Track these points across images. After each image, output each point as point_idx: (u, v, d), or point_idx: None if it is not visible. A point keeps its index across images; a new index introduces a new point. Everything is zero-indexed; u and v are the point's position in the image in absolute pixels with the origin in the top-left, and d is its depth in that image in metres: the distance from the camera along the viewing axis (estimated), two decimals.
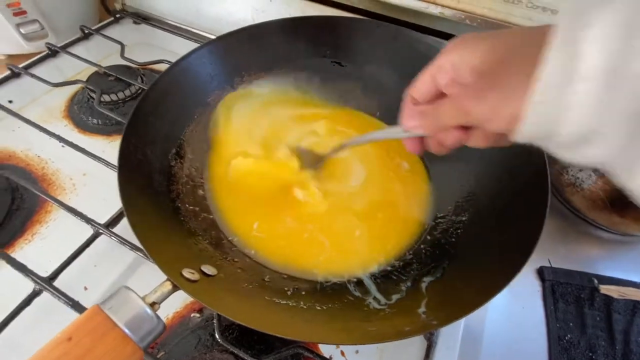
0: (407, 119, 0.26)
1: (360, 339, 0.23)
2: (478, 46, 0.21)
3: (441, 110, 0.23)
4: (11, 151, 0.47)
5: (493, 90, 0.19)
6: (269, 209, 0.38)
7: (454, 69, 0.22)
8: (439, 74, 0.23)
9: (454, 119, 0.22)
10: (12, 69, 0.53)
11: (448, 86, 0.23)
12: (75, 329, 0.19)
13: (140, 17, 0.66)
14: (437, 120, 0.24)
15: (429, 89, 0.24)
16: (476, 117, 0.20)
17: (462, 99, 0.21)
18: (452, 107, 0.22)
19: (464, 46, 0.21)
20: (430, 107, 0.24)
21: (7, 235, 0.39)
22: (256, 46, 0.44)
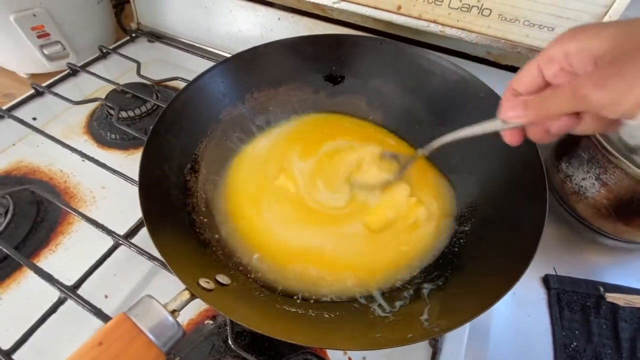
0: (509, 109, 0.26)
1: (366, 345, 0.24)
2: (600, 34, 0.21)
3: (552, 98, 0.23)
4: (35, 166, 0.49)
5: (618, 77, 0.20)
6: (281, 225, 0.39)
7: (567, 58, 0.22)
8: (547, 64, 0.23)
9: (568, 107, 0.22)
10: (36, 88, 0.56)
11: (557, 76, 0.23)
12: (106, 334, 0.21)
13: (155, 36, 0.69)
14: (544, 109, 0.24)
15: (534, 80, 0.25)
16: (596, 104, 0.21)
17: (581, 86, 0.21)
18: (568, 94, 0.22)
19: (583, 35, 0.22)
20: (536, 97, 0.24)
21: (33, 245, 0.41)
22: (265, 64, 0.47)
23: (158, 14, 0.68)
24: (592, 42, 0.21)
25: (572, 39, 0.22)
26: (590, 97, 0.21)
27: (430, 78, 0.44)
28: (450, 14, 0.41)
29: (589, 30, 0.22)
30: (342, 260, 0.36)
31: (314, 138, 0.47)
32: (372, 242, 0.38)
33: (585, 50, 0.21)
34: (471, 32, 0.41)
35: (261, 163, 0.44)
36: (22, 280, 0.39)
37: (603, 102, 0.20)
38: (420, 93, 0.45)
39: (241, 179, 0.43)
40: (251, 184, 0.42)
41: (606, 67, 0.21)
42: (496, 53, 0.44)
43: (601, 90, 0.20)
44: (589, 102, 0.21)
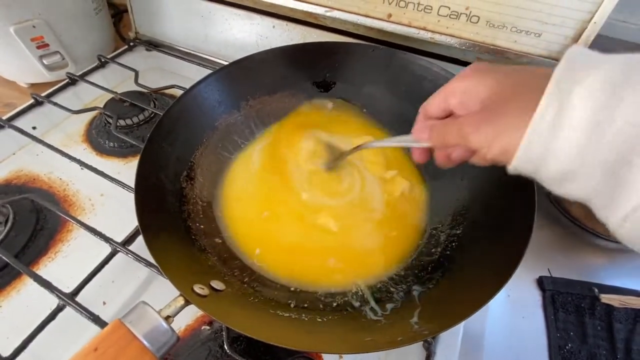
0: (418, 131, 0.29)
1: (356, 348, 0.24)
2: (487, 79, 0.23)
3: (447, 129, 0.25)
4: (35, 174, 0.50)
5: (491, 123, 0.22)
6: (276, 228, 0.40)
7: (464, 96, 0.24)
8: (450, 96, 0.26)
9: (456, 140, 0.25)
10: (36, 97, 0.57)
11: (457, 108, 0.25)
12: (101, 340, 0.21)
13: (152, 45, 0.70)
14: (442, 137, 0.26)
15: (440, 106, 0.27)
16: (473, 144, 0.23)
17: (464, 125, 0.23)
18: (456, 130, 0.24)
19: (476, 76, 0.24)
20: (439, 124, 0.27)
21: (33, 253, 0.42)
22: (260, 72, 0.47)
23: (156, 23, 0.69)
24: (479, 85, 0.23)
25: (468, 78, 0.24)
26: (469, 137, 0.23)
27: (422, 83, 0.45)
28: (440, 21, 0.42)
29: (479, 74, 0.24)
30: (338, 253, 0.38)
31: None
32: (367, 233, 0.40)
33: (474, 91, 0.24)
34: (460, 39, 0.42)
35: (257, 169, 0.45)
36: (21, 288, 0.40)
37: (478, 144, 0.23)
38: (413, 98, 0.45)
39: (237, 186, 0.43)
40: (247, 190, 0.43)
41: (484, 111, 0.23)
42: (486, 59, 0.45)
43: (476, 133, 0.22)
44: (468, 141, 0.23)
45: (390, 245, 0.39)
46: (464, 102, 0.25)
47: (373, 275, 0.36)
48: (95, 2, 0.64)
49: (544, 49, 0.39)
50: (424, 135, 0.28)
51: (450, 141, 0.25)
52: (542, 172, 0.21)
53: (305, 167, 0.44)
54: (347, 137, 0.47)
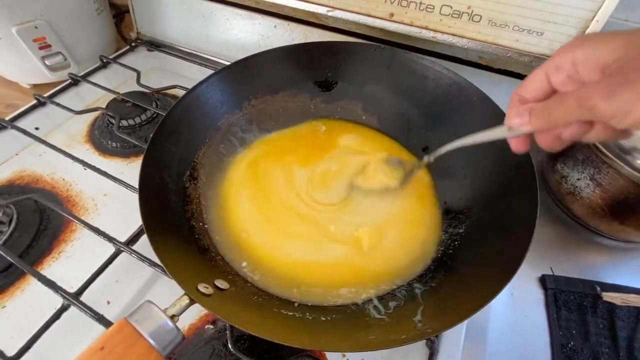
0: (515, 116, 0.26)
1: (360, 346, 0.25)
2: (608, 43, 0.21)
3: (559, 106, 0.23)
4: (38, 175, 0.50)
5: (627, 87, 0.19)
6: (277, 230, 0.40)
7: (574, 67, 0.22)
8: (555, 72, 0.23)
9: (575, 116, 0.22)
10: (38, 98, 0.57)
11: (564, 84, 0.23)
12: (107, 339, 0.22)
13: (154, 45, 0.70)
14: (550, 118, 0.23)
15: (541, 87, 0.25)
16: (603, 113, 0.20)
17: (588, 95, 0.21)
18: (575, 104, 0.22)
19: (592, 43, 0.22)
20: (543, 104, 0.24)
21: (36, 254, 0.42)
22: (262, 72, 0.48)
23: (157, 24, 0.69)
24: (599, 50, 0.21)
25: (580, 47, 0.22)
26: (598, 107, 0.20)
27: (424, 83, 0.45)
28: (442, 20, 0.42)
29: (597, 39, 0.22)
30: (338, 269, 0.37)
31: (313, 143, 0.48)
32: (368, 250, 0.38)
33: (592, 58, 0.21)
34: (463, 38, 0.42)
35: (259, 169, 0.45)
36: (26, 287, 0.40)
37: (611, 113, 0.20)
38: (415, 98, 0.46)
39: (239, 186, 0.43)
40: (249, 190, 0.43)
41: (613, 76, 0.20)
42: (488, 57, 0.45)
43: (609, 100, 0.20)
44: (597, 112, 0.21)
45: (402, 258, 0.37)
46: (573, 75, 0.22)
47: (383, 285, 0.35)
48: (97, 3, 0.64)
49: (546, 48, 0.39)
50: (522, 119, 0.25)
51: (565, 118, 0.22)
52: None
53: (372, 186, 0.41)
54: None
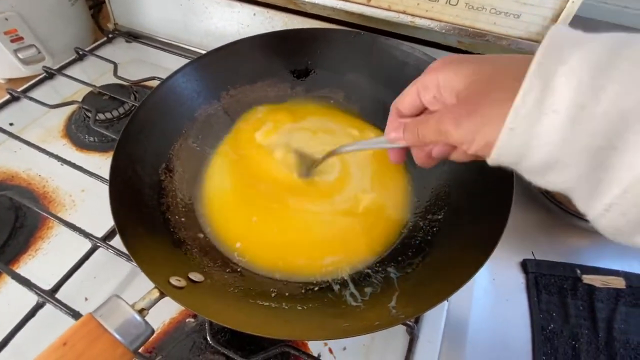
0: (391, 131, 0.28)
1: (333, 334, 0.25)
2: (461, 70, 0.22)
3: (423, 126, 0.24)
4: (14, 172, 0.49)
5: (471, 116, 0.20)
6: (258, 215, 0.40)
7: (437, 89, 0.23)
8: (423, 91, 0.24)
9: (434, 138, 0.23)
10: (12, 93, 0.56)
11: (431, 103, 0.24)
12: (70, 335, 0.21)
13: (132, 36, 0.68)
14: (419, 136, 0.25)
15: (413, 103, 0.26)
16: (455, 140, 0.22)
17: (442, 120, 0.22)
18: (433, 126, 0.23)
19: (449, 68, 0.23)
20: (413, 122, 0.25)
21: (12, 252, 0.41)
22: (240, 61, 0.47)
23: (134, 14, 0.67)
24: (454, 77, 0.22)
25: (441, 71, 0.23)
26: (449, 133, 0.22)
27: (404, 69, 0.44)
28: (419, 4, 0.41)
29: (454, 64, 0.23)
30: (320, 243, 0.38)
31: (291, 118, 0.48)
32: (352, 220, 0.39)
33: (449, 84, 0.22)
34: (440, 22, 0.41)
35: (238, 158, 0.44)
36: (2, 286, 0.39)
37: (459, 139, 0.21)
38: (395, 84, 0.45)
39: (218, 176, 0.43)
40: (228, 180, 0.42)
41: (461, 104, 0.22)
42: (467, 42, 0.45)
43: (457, 128, 0.21)
44: (449, 137, 0.22)
45: (376, 231, 0.39)
46: (437, 96, 0.23)
47: (359, 262, 0.36)
48: None
49: (523, 31, 0.38)
50: (396, 134, 0.27)
51: (428, 139, 0.24)
52: (524, 162, 0.19)
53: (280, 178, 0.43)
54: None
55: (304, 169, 0.42)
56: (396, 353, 0.34)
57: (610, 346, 0.36)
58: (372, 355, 0.34)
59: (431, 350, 0.33)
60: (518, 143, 0.18)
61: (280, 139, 0.45)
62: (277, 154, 0.44)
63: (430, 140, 0.24)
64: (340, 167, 0.44)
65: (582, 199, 0.19)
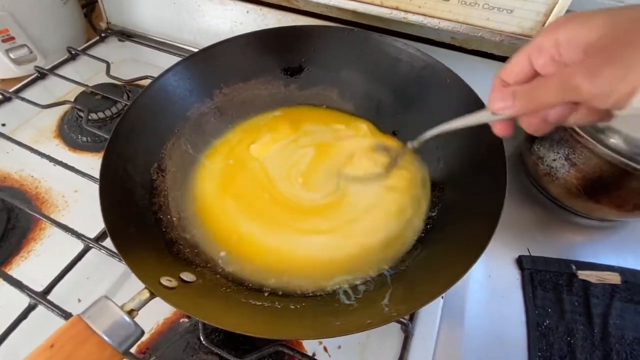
0: (498, 100, 0.25)
1: (326, 333, 0.24)
2: (590, 23, 0.21)
3: (542, 88, 0.22)
4: (6, 173, 0.49)
5: (610, 65, 0.19)
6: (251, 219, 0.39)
7: (557, 47, 0.22)
8: (537, 54, 0.23)
9: (559, 97, 0.22)
10: (3, 93, 0.55)
11: (547, 65, 0.23)
12: (58, 337, 0.21)
13: (125, 35, 0.68)
14: (534, 100, 0.23)
15: (523, 70, 0.24)
16: (588, 93, 0.20)
17: (571, 75, 0.21)
18: (558, 85, 0.21)
19: (573, 24, 0.21)
20: (525, 87, 0.24)
21: (4, 253, 0.41)
22: (233, 59, 0.46)
23: (127, 13, 0.66)
24: (581, 30, 0.21)
25: (561, 28, 0.22)
26: (581, 87, 0.20)
27: (398, 65, 0.44)
28: (412, 0, 0.41)
29: (578, 19, 0.21)
30: (313, 256, 0.36)
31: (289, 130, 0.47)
32: (346, 236, 0.38)
33: (574, 39, 0.21)
34: (433, 18, 0.41)
35: (232, 159, 0.44)
36: None
37: (594, 92, 0.20)
38: (389, 81, 0.45)
39: (211, 176, 0.42)
40: (222, 180, 0.42)
41: (596, 56, 0.20)
42: (460, 38, 0.44)
43: (591, 80, 0.20)
44: (580, 92, 0.20)
45: (373, 235, 0.37)
46: (558, 56, 0.22)
47: (356, 270, 0.35)
48: None
49: (516, 26, 0.38)
50: (505, 103, 0.24)
51: (548, 100, 0.22)
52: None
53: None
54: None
55: (391, 163, 0.40)
56: (391, 351, 0.34)
57: (606, 341, 0.36)
58: (367, 353, 0.34)
59: (426, 348, 0.33)
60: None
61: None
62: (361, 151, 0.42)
63: (552, 102, 0.22)
64: (331, 175, 0.43)
65: None
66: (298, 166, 0.43)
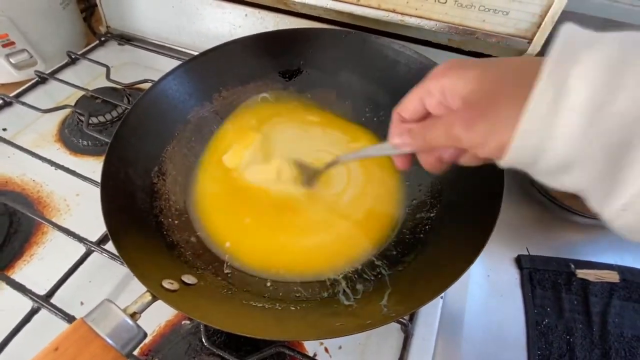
0: (395, 136, 0.27)
1: (325, 333, 0.25)
2: (467, 75, 0.22)
3: (431, 131, 0.24)
4: (7, 177, 0.49)
5: (482, 120, 0.20)
6: (251, 219, 0.40)
7: (442, 94, 0.23)
8: (427, 96, 0.24)
9: (443, 142, 0.23)
10: (4, 98, 0.56)
11: (435, 108, 0.24)
12: (62, 340, 0.21)
13: (124, 39, 0.68)
14: (426, 140, 0.24)
15: (416, 109, 0.25)
16: (466, 143, 0.21)
17: (451, 124, 0.22)
18: (442, 131, 0.23)
19: (453, 73, 0.22)
20: (419, 126, 0.25)
21: (7, 257, 0.41)
22: (232, 62, 0.47)
23: (127, 17, 0.67)
24: (459, 81, 0.22)
25: (445, 75, 0.23)
26: (460, 136, 0.21)
27: (396, 67, 0.44)
28: (408, 2, 0.41)
29: (458, 69, 0.22)
30: (311, 248, 0.37)
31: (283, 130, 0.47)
32: (341, 225, 0.39)
33: (455, 88, 0.22)
34: (430, 20, 0.41)
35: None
36: None
37: (471, 142, 0.21)
38: (387, 82, 0.45)
39: (211, 179, 0.43)
40: (220, 183, 0.42)
41: (471, 108, 0.21)
42: (457, 40, 0.45)
43: (468, 131, 0.21)
44: (460, 141, 0.22)
45: (370, 233, 0.39)
46: (442, 101, 0.23)
47: (354, 260, 0.36)
48: None
49: (512, 27, 0.38)
50: (401, 140, 0.26)
51: (437, 143, 0.24)
52: (538, 164, 0.19)
53: (280, 189, 0.42)
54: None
55: (305, 179, 0.41)
56: (391, 351, 0.34)
57: (605, 340, 0.36)
58: (367, 353, 0.35)
59: (426, 348, 0.34)
60: (533, 144, 0.18)
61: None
62: (276, 165, 0.43)
63: (440, 145, 0.24)
64: (333, 171, 0.44)
65: (597, 200, 0.19)
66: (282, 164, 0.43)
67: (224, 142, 0.46)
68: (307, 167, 0.41)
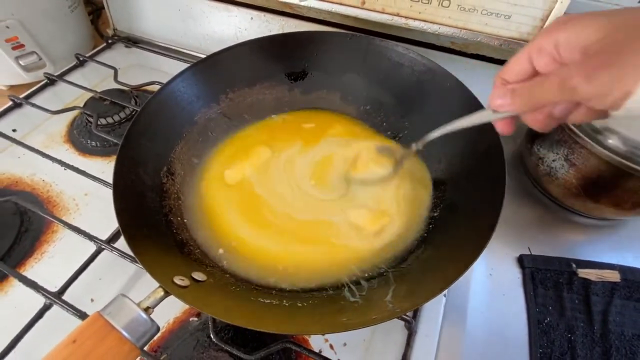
0: (497, 97, 0.26)
1: (331, 328, 0.25)
2: (589, 25, 0.21)
3: (541, 87, 0.23)
4: (18, 177, 0.50)
5: (607, 69, 0.20)
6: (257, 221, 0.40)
7: (556, 49, 0.22)
8: (537, 54, 0.23)
9: (557, 96, 0.22)
10: (14, 99, 0.57)
11: (546, 65, 0.23)
12: (79, 332, 0.22)
13: (131, 41, 0.69)
14: (533, 98, 0.23)
15: (523, 69, 0.25)
16: (584, 95, 0.21)
17: (569, 76, 0.21)
18: (556, 84, 0.22)
19: (571, 26, 0.22)
20: (524, 85, 0.24)
21: (19, 255, 0.42)
22: (238, 64, 0.47)
23: (133, 19, 0.68)
24: (581, 32, 0.21)
25: (561, 29, 0.22)
26: (579, 88, 0.21)
27: (400, 70, 0.45)
28: (412, 6, 0.42)
29: (578, 21, 0.22)
30: (320, 255, 0.37)
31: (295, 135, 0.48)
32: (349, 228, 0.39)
33: (574, 40, 0.22)
34: (433, 24, 0.42)
35: (239, 162, 0.45)
36: (9, 289, 0.40)
37: (591, 93, 0.20)
38: (391, 84, 0.46)
39: (218, 179, 0.44)
40: (228, 183, 0.43)
41: (594, 58, 0.21)
42: (460, 42, 0.45)
43: (588, 82, 0.20)
44: (578, 93, 0.21)
45: (378, 235, 0.38)
46: (557, 56, 0.22)
47: (362, 265, 0.36)
48: (70, 0, 0.63)
49: (514, 31, 0.39)
50: (504, 100, 0.25)
51: (547, 99, 0.23)
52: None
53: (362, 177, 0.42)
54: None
55: (396, 164, 0.40)
56: (395, 348, 0.35)
57: (606, 338, 0.37)
58: (371, 350, 0.35)
59: (429, 344, 0.34)
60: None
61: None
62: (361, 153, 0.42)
63: (550, 100, 0.23)
64: (341, 174, 0.44)
65: None
66: (305, 171, 0.44)
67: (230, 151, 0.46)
68: (390, 151, 0.41)
